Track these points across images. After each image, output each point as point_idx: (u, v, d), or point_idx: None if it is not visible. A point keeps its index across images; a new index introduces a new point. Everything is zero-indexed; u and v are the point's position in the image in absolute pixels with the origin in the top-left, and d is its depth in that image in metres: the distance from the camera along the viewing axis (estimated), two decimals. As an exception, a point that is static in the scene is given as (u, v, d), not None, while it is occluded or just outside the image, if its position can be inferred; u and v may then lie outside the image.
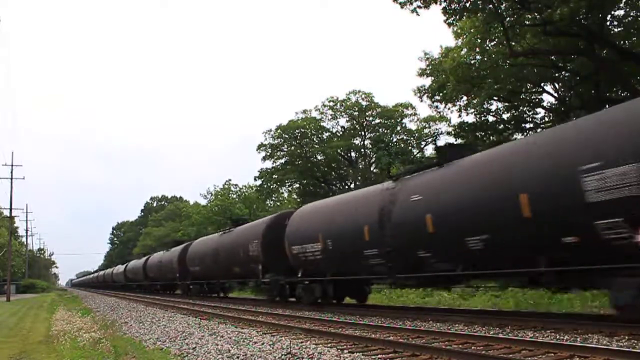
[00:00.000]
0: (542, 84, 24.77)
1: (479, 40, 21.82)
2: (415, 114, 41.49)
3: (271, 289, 19.09)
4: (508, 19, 19.43)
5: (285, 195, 50.26)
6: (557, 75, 23.99)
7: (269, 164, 43.82)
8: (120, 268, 58.65)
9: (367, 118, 41.97)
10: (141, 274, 44.62)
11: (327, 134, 43.23)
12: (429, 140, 41.62)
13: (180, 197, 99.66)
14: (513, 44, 20.24)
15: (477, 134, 25.45)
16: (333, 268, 15.47)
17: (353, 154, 43.63)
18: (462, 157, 11.66)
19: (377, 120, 41.96)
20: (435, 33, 43.88)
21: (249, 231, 21.39)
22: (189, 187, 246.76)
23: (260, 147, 43.24)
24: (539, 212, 8.95)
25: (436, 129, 41.00)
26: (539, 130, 23.96)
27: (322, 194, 38.30)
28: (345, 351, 7.75)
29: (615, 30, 20.63)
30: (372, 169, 41.36)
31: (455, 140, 27.64)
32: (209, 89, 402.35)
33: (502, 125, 25.51)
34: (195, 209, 63.07)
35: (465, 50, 23.23)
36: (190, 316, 15.67)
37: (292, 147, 43.04)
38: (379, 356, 7.43)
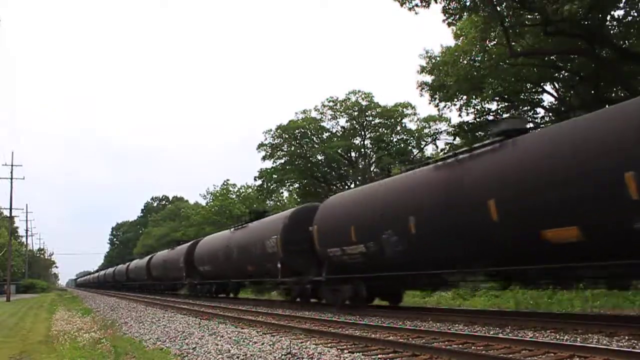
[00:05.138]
0: (542, 84, 24.77)
1: (479, 40, 21.82)
2: (415, 114, 41.52)
3: (189, 288, 30.23)
4: (508, 19, 19.42)
5: (286, 195, 50.31)
6: (557, 75, 23.98)
7: (269, 163, 43.84)
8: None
9: (367, 118, 41.96)
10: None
11: (327, 134, 43.22)
12: (429, 140, 41.67)
13: (181, 197, 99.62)
14: (513, 44, 20.23)
15: (477, 134, 25.45)
16: (213, 276, 25.95)
17: (353, 154, 43.63)
18: (255, 221, 21.88)
19: (377, 120, 41.94)
20: (435, 33, 43.92)
21: (180, 251, 32.34)
22: (190, 187, 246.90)
23: (261, 146, 43.25)
24: (260, 252, 19.15)
25: (436, 129, 41.06)
26: (538, 129, 24.01)
27: (322, 193, 38.33)
28: (345, 351, 7.75)
29: (615, 30, 20.63)
30: (372, 169, 41.37)
31: (454, 140, 27.67)
32: (209, 88, 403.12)
33: (502, 125, 25.49)
34: (195, 210, 63.09)
35: (465, 49, 23.24)
36: (190, 316, 15.68)
37: (292, 147, 43.04)
38: (379, 356, 7.43)
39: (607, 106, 15.12)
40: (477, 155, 10.94)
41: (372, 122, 42.10)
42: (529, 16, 19.88)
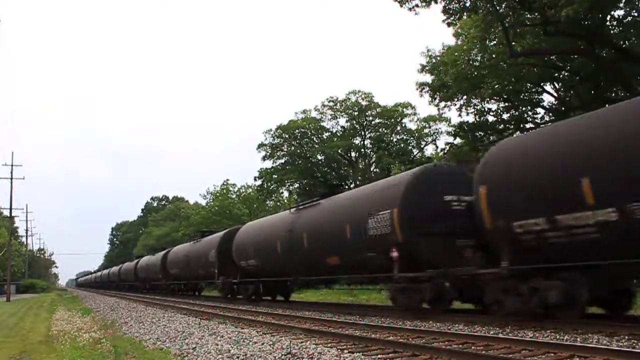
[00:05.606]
0: (542, 84, 24.77)
1: (480, 40, 21.83)
2: (415, 114, 41.56)
3: (224, 288, 23.99)
4: (508, 19, 19.44)
5: (286, 195, 50.26)
6: (557, 75, 23.99)
7: (269, 163, 43.86)
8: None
9: (367, 118, 41.99)
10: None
11: (327, 134, 43.25)
12: (429, 140, 41.70)
13: (181, 197, 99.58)
14: (513, 43, 20.23)
15: (477, 134, 25.46)
16: (261, 273, 20.22)
17: (353, 154, 43.65)
18: (331, 196, 16.89)
19: (377, 120, 41.98)
20: (435, 33, 44.07)
21: (209, 242, 26.35)
22: (190, 187, 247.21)
23: (261, 146, 43.25)
24: (354, 237, 14.06)
25: (436, 129, 41.10)
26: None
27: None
28: (345, 351, 7.74)
29: (615, 30, 20.63)
30: (372, 169, 41.38)
31: (454, 140, 27.68)
32: (209, 88, 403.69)
33: (502, 125, 25.52)
34: (195, 210, 63.07)
35: (465, 48, 23.26)
36: (190, 316, 15.67)
37: (292, 147, 43.06)
38: (379, 356, 7.43)
39: (607, 106, 15.11)
40: None
41: (372, 122, 42.14)
42: (529, 16, 19.88)
